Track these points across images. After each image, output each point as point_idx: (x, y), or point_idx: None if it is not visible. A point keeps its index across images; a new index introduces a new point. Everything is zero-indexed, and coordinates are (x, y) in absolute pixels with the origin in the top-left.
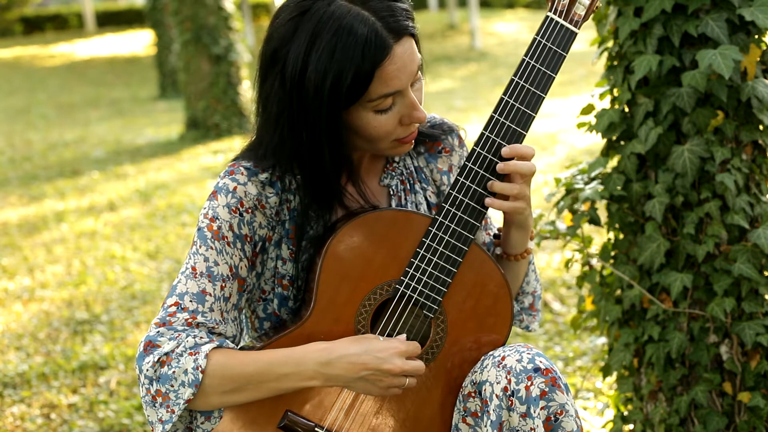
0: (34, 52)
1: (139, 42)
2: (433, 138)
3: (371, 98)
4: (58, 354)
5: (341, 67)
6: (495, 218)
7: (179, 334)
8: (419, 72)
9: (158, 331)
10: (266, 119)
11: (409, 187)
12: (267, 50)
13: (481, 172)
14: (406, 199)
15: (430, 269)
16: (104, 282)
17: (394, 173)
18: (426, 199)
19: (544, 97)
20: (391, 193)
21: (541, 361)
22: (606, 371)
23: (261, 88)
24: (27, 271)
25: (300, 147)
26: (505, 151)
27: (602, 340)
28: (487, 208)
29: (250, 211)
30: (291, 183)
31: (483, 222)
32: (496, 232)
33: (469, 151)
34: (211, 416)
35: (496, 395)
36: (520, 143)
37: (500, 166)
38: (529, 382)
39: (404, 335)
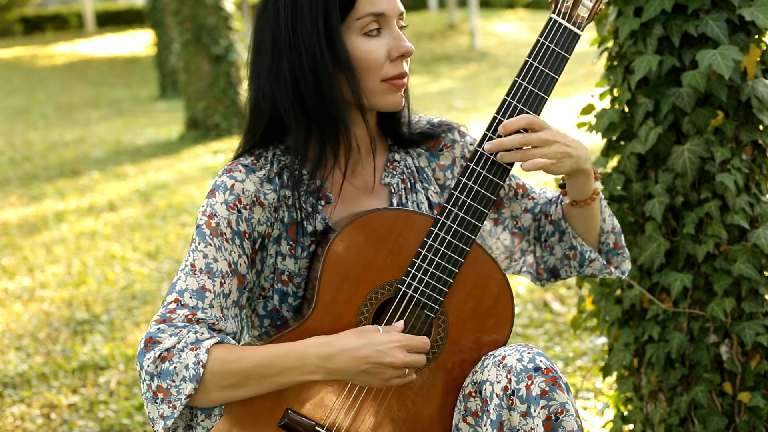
0: (34, 52)
1: (139, 42)
2: (434, 137)
3: (360, 15)
4: (58, 354)
5: None
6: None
7: (180, 330)
8: (402, 21)
9: (159, 328)
10: (261, 58)
11: (410, 186)
12: (260, 4)
13: (484, 172)
14: (407, 198)
15: (431, 269)
16: (104, 282)
17: (395, 172)
18: (428, 198)
19: (546, 98)
20: (393, 191)
21: (541, 361)
22: (606, 371)
23: (255, 38)
24: (27, 271)
25: (300, 75)
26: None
27: (602, 340)
28: (489, 208)
29: (248, 207)
30: (289, 180)
31: (484, 222)
32: (562, 182)
33: (473, 141)
34: (211, 414)
35: (497, 394)
36: None
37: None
38: (530, 382)
39: (401, 323)
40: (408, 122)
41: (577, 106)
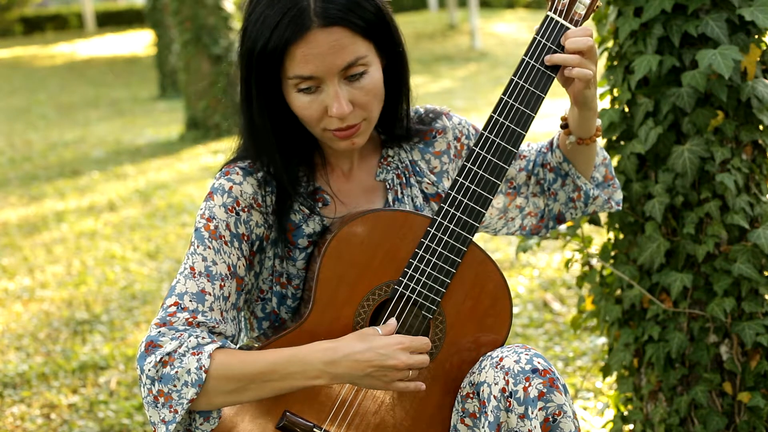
0: (34, 52)
1: (139, 42)
2: (425, 127)
3: (288, 75)
4: (58, 354)
5: (261, 34)
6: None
7: (181, 334)
8: (363, 69)
9: (159, 331)
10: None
11: (404, 180)
12: None
13: (480, 172)
14: (402, 192)
15: (428, 270)
16: (104, 282)
17: (389, 168)
18: (422, 191)
19: (543, 97)
20: (388, 187)
21: (539, 362)
22: (606, 371)
23: None
24: (27, 271)
25: (251, 118)
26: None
27: (602, 340)
28: (487, 207)
29: (246, 210)
30: (285, 184)
31: (482, 222)
32: (564, 123)
33: (461, 121)
34: (209, 417)
35: (494, 396)
36: (520, 144)
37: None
38: (527, 383)
39: (393, 320)
40: (405, 117)
41: None
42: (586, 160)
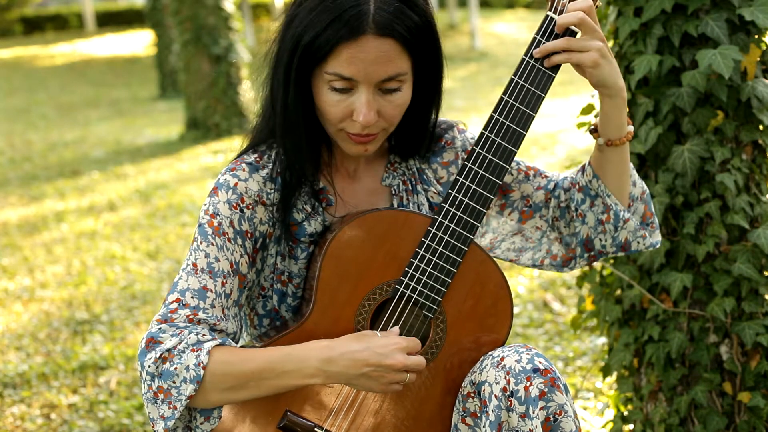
0: (34, 52)
1: (139, 42)
2: (435, 138)
3: (327, 70)
4: (58, 354)
5: (313, 25)
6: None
7: (181, 331)
8: (399, 85)
9: (160, 328)
10: (264, 79)
11: (410, 187)
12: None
13: (481, 171)
14: (408, 199)
15: (429, 269)
16: (104, 282)
17: (396, 173)
18: (428, 199)
19: (543, 97)
20: (393, 192)
21: (540, 362)
22: (606, 371)
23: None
24: (27, 271)
25: (277, 99)
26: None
27: (602, 340)
28: (487, 207)
29: (250, 207)
30: (291, 181)
31: (483, 222)
32: (593, 126)
33: (473, 136)
34: (210, 416)
35: (495, 396)
36: (520, 143)
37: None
38: (528, 383)
39: (397, 328)
40: (427, 137)
41: (577, 106)
42: (617, 173)
